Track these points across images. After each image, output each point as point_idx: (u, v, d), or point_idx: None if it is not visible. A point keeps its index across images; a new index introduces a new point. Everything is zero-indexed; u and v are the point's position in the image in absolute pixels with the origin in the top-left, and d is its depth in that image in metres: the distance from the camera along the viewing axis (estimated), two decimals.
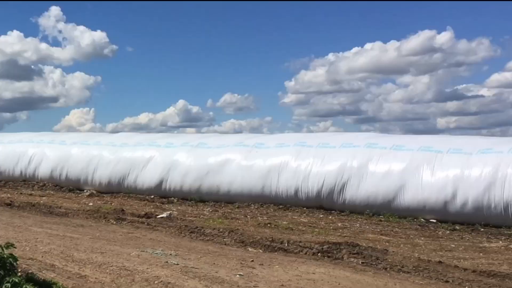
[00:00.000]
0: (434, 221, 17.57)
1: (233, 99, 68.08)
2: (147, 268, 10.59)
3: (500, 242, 14.99)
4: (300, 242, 13.96)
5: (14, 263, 7.86)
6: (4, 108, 73.48)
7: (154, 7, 70.29)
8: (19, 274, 8.22)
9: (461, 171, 17.69)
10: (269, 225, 17.10)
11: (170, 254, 12.00)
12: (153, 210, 19.99)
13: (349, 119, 68.10)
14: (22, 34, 65.80)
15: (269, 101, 76.91)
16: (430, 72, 62.66)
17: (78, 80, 69.86)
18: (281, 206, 20.53)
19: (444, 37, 55.25)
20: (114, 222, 17.18)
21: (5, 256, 7.75)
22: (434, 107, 65.32)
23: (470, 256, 13.22)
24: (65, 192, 25.69)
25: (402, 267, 11.56)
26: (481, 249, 14.08)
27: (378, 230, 16.47)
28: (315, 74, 62.64)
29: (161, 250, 12.50)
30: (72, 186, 26.58)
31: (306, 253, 12.77)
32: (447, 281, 10.58)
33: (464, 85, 69.11)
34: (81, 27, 66.06)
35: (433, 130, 59.42)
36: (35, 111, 74.62)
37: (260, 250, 13.20)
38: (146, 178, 24.28)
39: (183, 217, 18.45)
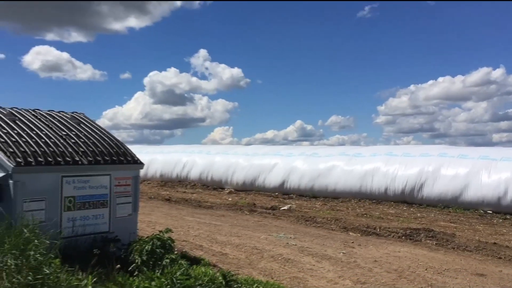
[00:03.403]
0: (491, 212, 18.94)
1: (338, 119, 73.06)
2: (273, 248, 11.56)
3: None
4: (389, 228, 15.10)
5: (172, 244, 8.56)
6: (164, 126, 78.60)
7: (278, 49, 76.31)
8: (176, 252, 8.80)
9: (511, 174, 19.28)
10: (365, 215, 18.40)
11: (290, 237, 13.06)
12: (277, 203, 21.28)
13: (426, 135, 71.95)
14: (178, 70, 74.46)
15: (365, 121, 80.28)
16: (487, 99, 66.59)
17: (220, 105, 76.53)
18: (374, 201, 22.10)
19: (498, 73, 60.77)
20: (248, 213, 18.39)
21: (165, 238, 8.48)
22: (490, 125, 69.38)
23: None
24: (210, 190, 27.69)
25: (466, 247, 12.58)
26: None
27: (448, 219, 17.69)
28: (400, 101, 68.84)
29: (283, 234, 13.57)
30: (215, 186, 28.80)
31: (393, 236, 13.87)
32: (500, 258, 11.61)
33: None
34: (223, 65, 72.81)
35: (489, 143, 62.93)
36: (187, 128, 79.06)
37: (358, 234, 14.24)
38: (272, 179, 26.21)
39: (300, 209, 19.69)
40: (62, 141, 9.23)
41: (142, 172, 10.52)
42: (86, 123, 10.51)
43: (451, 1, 68.33)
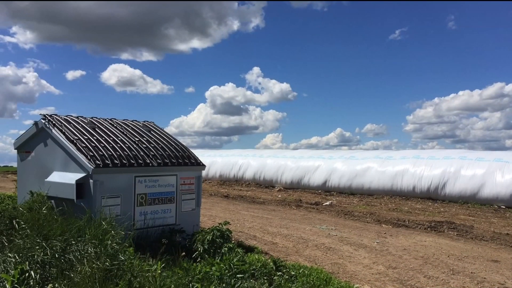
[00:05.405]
0: (504, 207, 18.47)
1: (372, 127, 72.58)
2: (316, 238, 11.50)
3: None
4: (416, 220, 14.89)
5: (229, 235, 8.57)
6: (223, 133, 79.71)
7: (321, 67, 76.92)
8: (233, 241, 8.78)
9: None
10: (396, 209, 18.05)
11: (331, 229, 12.94)
12: (320, 200, 21.05)
13: (448, 140, 71.26)
14: (234, 85, 74.21)
15: (396, 128, 79.51)
16: (501, 110, 65.96)
17: (271, 115, 76.98)
18: (403, 197, 21.66)
19: (510, 87, 59.51)
20: (295, 208, 18.12)
21: (224, 230, 8.50)
22: (504, 132, 69.07)
23: None
24: (263, 188, 27.33)
25: (483, 237, 12.37)
26: None
27: (467, 213, 17.29)
28: (426, 111, 68.78)
29: (325, 226, 13.41)
30: (267, 184, 28.52)
31: (420, 228, 13.68)
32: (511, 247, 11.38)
33: None
34: (273, 81, 73.05)
35: (503, 148, 62.20)
36: (243, 135, 79.63)
37: (390, 226, 14.02)
38: (315, 179, 25.85)
39: (339, 204, 19.39)
40: (135, 146, 9.29)
41: (204, 172, 10.43)
42: (155, 130, 10.56)
43: (470, 26, 67.81)
